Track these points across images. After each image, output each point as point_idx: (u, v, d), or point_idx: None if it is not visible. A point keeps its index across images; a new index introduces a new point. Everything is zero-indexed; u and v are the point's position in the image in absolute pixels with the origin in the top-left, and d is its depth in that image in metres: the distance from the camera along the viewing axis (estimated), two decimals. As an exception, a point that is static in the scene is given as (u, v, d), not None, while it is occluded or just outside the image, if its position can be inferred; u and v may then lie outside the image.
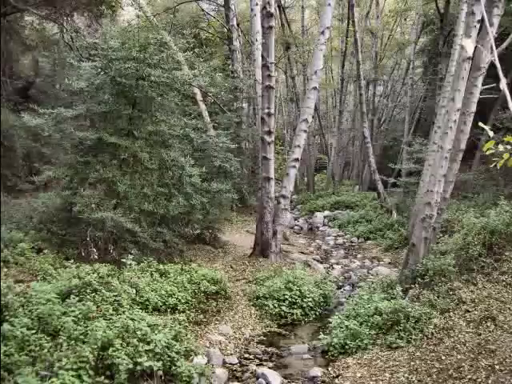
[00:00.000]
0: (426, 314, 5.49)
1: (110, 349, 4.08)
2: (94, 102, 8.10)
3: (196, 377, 4.41)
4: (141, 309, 5.37)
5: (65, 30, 14.51)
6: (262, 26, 9.98)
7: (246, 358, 5.70)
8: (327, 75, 28.75)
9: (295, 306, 7.13)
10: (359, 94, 17.90)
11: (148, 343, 4.36)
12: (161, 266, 6.94)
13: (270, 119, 9.80)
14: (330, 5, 10.25)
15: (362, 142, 20.96)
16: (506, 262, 5.93)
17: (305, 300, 7.21)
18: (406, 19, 25.54)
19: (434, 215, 6.92)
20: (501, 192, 10.06)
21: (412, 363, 4.86)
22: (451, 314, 5.44)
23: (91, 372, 3.84)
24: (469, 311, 5.35)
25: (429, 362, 4.76)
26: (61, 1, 13.72)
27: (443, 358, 4.71)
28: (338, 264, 10.94)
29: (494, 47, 2.03)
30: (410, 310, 5.58)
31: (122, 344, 4.18)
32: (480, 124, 2.96)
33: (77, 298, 4.84)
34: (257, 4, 12.47)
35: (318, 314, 7.31)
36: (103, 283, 5.40)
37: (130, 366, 4.03)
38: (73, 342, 4.12)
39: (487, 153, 2.82)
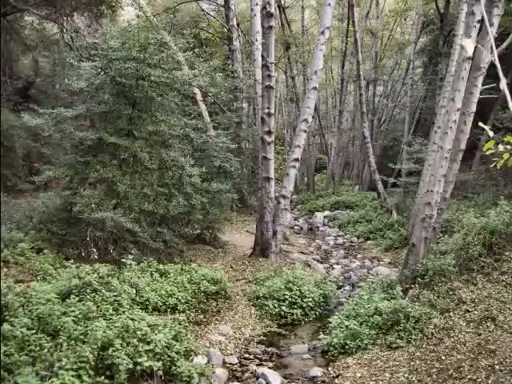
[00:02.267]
0: (426, 313, 5.49)
1: (110, 349, 4.08)
2: (93, 101, 8.10)
3: (196, 377, 4.41)
4: (141, 309, 5.37)
5: (65, 30, 14.51)
6: (262, 26, 9.98)
7: (246, 358, 5.70)
8: (327, 75, 28.75)
9: (295, 306, 7.13)
10: (359, 94, 17.90)
11: (148, 343, 4.36)
12: (161, 266, 6.94)
13: (269, 119, 9.80)
14: (330, 5, 10.25)
15: (362, 142, 20.96)
16: (506, 262, 5.93)
17: (305, 300, 7.21)
18: (406, 19, 25.55)
19: (433, 215, 6.92)
20: (501, 192, 10.06)
21: (412, 363, 4.86)
22: (451, 313, 5.44)
23: (91, 372, 3.84)
24: (469, 311, 5.35)
25: (429, 361, 4.76)
26: (61, 1, 13.71)
27: (443, 357, 4.71)
28: (338, 264, 10.94)
29: (494, 47, 2.03)
30: (410, 309, 5.58)
31: (121, 344, 4.18)
32: (480, 124, 2.96)
33: (77, 298, 4.84)
34: (257, 4, 12.47)
35: (318, 314, 7.31)
36: (103, 283, 5.40)
37: (130, 365, 4.03)
38: (73, 342, 4.12)
39: (487, 153, 2.82)
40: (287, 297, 7.18)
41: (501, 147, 2.81)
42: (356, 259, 11.61)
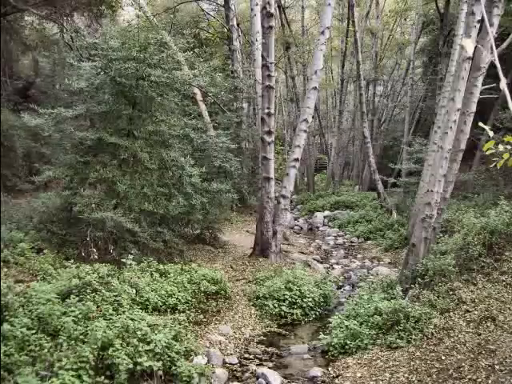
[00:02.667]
0: (426, 314, 5.49)
1: (110, 349, 4.08)
2: (94, 101, 8.10)
3: (196, 377, 4.41)
4: (141, 309, 5.37)
5: (65, 30, 14.52)
6: (262, 26, 9.98)
7: (246, 358, 5.70)
8: (327, 75, 28.75)
9: (295, 306, 7.13)
10: (359, 94, 17.90)
11: (148, 343, 4.36)
12: (161, 266, 6.94)
13: (270, 119, 9.80)
14: (330, 5, 10.25)
15: (362, 142, 20.97)
16: (506, 262, 5.93)
17: (305, 300, 7.21)
18: (406, 19, 25.55)
19: (433, 215, 6.92)
20: (501, 192, 10.05)
21: (412, 363, 4.86)
22: (451, 314, 5.44)
23: (91, 372, 3.84)
24: (469, 311, 5.35)
25: (429, 361, 4.76)
26: (61, 1, 13.72)
27: (443, 357, 4.71)
28: (338, 264, 10.94)
29: (494, 47, 2.03)
30: (409, 310, 5.58)
31: (121, 344, 4.18)
32: (480, 124, 2.96)
33: (77, 298, 4.85)
34: (257, 4, 12.48)
35: (318, 314, 7.30)
36: (103, 283, 5.41)
37: (130, 365, 4.03)
38: (73, 342, 4.13)
39: (487, 153, 2.81)
40: (287, 297, 7.18)
41: (501, 147, 2.81)
42: (356, 259, 11.61)
